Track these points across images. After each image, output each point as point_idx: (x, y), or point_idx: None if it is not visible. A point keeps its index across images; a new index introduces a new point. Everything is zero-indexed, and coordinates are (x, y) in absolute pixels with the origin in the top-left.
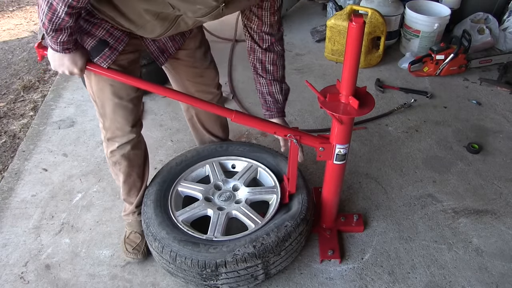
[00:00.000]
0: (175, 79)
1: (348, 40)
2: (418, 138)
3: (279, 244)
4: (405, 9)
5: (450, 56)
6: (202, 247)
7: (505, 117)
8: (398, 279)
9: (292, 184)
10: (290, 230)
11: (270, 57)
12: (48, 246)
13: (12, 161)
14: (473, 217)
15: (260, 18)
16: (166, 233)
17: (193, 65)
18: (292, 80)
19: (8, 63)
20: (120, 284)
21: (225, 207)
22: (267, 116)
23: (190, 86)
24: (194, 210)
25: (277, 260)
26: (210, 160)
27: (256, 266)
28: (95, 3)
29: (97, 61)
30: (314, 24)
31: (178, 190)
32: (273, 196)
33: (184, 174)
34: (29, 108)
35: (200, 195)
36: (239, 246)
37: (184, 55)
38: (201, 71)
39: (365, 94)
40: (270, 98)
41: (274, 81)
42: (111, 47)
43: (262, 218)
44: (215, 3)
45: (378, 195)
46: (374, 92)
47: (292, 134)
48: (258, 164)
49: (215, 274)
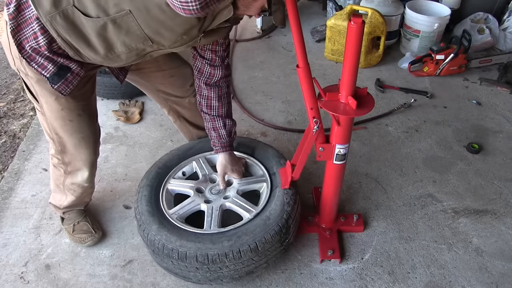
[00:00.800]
0: (146, 88)
1: (347, 40)
2: (418, 138)
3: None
4: (405, 9)
5: (450, 56)
6: (202, 241)
7: (505, 117)
8: (398, 279)
9: (298, 171)
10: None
11: (216, 93)
12: (48, 246)
13: (12, 161)
14: (473, 217)
15: (214, 52)
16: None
17: (159, 68)
18: (292, 80)
19: (8, 63)
20: (120, 284)
21: (217, 200)
22: (214, 151)
23: (165, 88)
24: (187, 206)
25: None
26: (197, 157)
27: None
28: (62, 33)
29: (57, 88)
30: (314, 24)
31: (168, 189)
32: (264, 184)
33: (171, 172)
34: (29, 108)
35: (191, 191)
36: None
37: (145, 63)
38: (170, 72)
39: (365, 95)
40: (214, 133)
41: (218, 117)
42: (73, 72)
43: (256, 207)
44: (197, 32)
45: (378, 195)
46: (374, 92)
47: (319, 120)
48: (244, 155)
49: (218, 266)
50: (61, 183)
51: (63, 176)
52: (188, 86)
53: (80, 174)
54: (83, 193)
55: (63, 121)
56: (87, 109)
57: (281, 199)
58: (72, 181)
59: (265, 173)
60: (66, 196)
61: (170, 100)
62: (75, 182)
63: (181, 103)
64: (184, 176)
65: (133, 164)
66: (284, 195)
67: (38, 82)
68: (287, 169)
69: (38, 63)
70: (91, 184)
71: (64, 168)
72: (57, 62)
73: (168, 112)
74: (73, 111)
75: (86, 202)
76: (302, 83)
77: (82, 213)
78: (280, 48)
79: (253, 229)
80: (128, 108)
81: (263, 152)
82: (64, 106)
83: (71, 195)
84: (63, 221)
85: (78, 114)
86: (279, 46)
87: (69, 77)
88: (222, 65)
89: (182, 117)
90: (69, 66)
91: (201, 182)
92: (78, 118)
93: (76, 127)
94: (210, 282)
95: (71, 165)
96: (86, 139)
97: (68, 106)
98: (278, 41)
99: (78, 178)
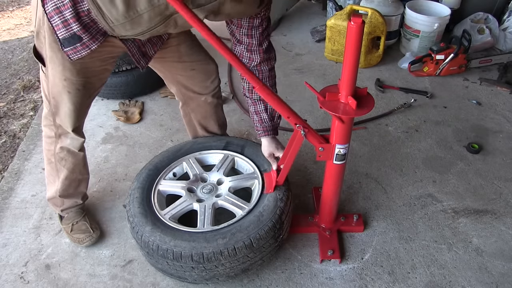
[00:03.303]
0: (166, 77)
1: (347, 40)
2: (418, 138)
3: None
4: (405, 9)
5: (450, 56)
6: (196, 239)
7: (505, 117)
8: (398, 279)
9: (283, 175)
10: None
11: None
12: (48, 246)
13: (12, 161)
14: (473, 217)
15: (250, 36)
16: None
17: (180, 59)
18: (292, 80)
19: (8, 63)
20: (120, 284)
21: (209, 199)
22: (258, 136)
23: (184, 81)
24: (180, 206)
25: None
26: (186, 157)
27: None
28: None
29: (66, 51)
30: (314, 24)
31: (160, 190)
32: (255, 181)
33: (162, 174)
34: (29, 108)
35: (182, 192)
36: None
37: (168, 52)
38: (191, 64)
39: (365, 95)
40: (256, 117)
41: (259, 100)
42: (84, 44)
43: (248, 203)
44: None
45: (378, 195)
46: (374, 92)
47: (301, 125)
48: (234, 154)
49: (214, 264)
50: (52, 155)
51: (54, 141)
52: (208, 83)
53: (70, 137)
54: (75, 168)
55: (62, 89)
56: (88, 87)
57: (273, 195)
58: (61, 145)
59: (256, 170)
60: (58, 175)
61: (187, 95)
62: (65, 146)
63: (197, 100)
64: (175, 177)
65: (133, 164)
66: (276, 191)
67: (51, 47)
68: (272, 173)
69: (55, 22)
70: (82, 156)
71: (55, 131)
72: (71, 29)
73: (181, 105)
74: (74, 85)
75: (82, 192)
76: (267, 100)
77: (81, 212)
78: (280, 48)
79: (247, 226)
80: (128, 108)
81: (252, 149)
82: (67, 77)
83: (63, 168)
84: (61, 220)
85: (77, 88)
86: (279, 46)
87: (78, 46)
88: (259, 49)
89: (193, 115)
90: (81, 36)
91: (192, 182)
92: (76, 92)
93: (73, 100)
94: (206, 281)
95: (61, 128)
96: (77, 112)
97: (70, 79)
98: (278, 41)
99: (67, 141)
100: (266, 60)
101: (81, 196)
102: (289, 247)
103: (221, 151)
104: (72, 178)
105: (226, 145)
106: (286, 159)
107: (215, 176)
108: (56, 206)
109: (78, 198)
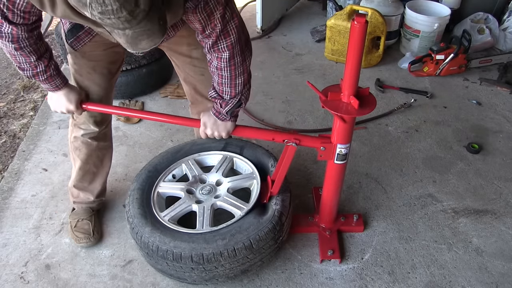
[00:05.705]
0: (180, 75)
1: (350, 39)
2: (418, 138)
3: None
4: (405, 9)
5: (450, 56)
6: (196, 240)
7: (505, 117)
8: (398, 279)
9: (277, 187)
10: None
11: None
12: (48, 246)
13: (12, 161)
14: (473, 217)
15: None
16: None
17: (192, 63)
18: (292, 80)
19: (8, 63)
20: (120, 284)
21: (208, 200)
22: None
23: (194, 83)
24: (179, 207)
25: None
26: (186, 159)
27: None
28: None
29: (70, 43)
30: (314, 24)
31: (159, 192)
32: (254, 181)
33: (161, 176)
34: (29, 108)
35: (182, 193)
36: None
37: (181, 53)
38: (201, 70)
39: (367, 95)
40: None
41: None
42: (86, 30)
43: (247, 204)
44: None
45: (378, 195)
46: (374, 92)
47: (289, 139)
48: (233, 155)
49: (214, 265)
50: (71, 142)
51: (71, 130)
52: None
53: (84, 127)
54: (88, 159)
55: (75, 72)
56: (98, 69)
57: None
58: (75, 134)
59: (255, 171)
60: (75, 164)
61: (195, 97)
62: (78, 136)
63: (204, 105)
64: (174, 178)
65: (133, 164)
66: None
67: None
68: (267, 184)
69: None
70: (95, 147)
71: (71, 120)
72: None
73: (190, 104)
74: (83, 68)
75: (97, 189)
76: (246, 135)
77: (90, 212)
78: (280, 48)
79: (246, 227)
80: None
81: (251, 150)
82: (75, 61)
83: (77, 157)
84: (71, 213)
85: (87, 72)
86: (279, 46)
87: (81, 35)
88: (211, 52)
89: (199, 117)
90: (83, 25)
91: (191, 183)
92: (88, 76)
93: (86, 83)
94: (206, 282)
95: (79, 118)
96: (90, 96)
97: (78, 63)
98: (278, 41)
99: (81, 131)
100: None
101: (96, 194)
102: (289, 247)
103: (220, 152)
104: (85, 169)
105: (225, 146)
106: (279, 172)
107: (214, 177)
108: (72, 195)
109: (92, 195)
